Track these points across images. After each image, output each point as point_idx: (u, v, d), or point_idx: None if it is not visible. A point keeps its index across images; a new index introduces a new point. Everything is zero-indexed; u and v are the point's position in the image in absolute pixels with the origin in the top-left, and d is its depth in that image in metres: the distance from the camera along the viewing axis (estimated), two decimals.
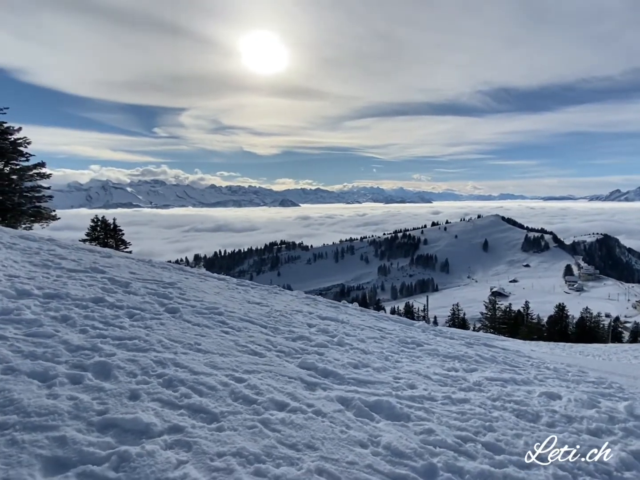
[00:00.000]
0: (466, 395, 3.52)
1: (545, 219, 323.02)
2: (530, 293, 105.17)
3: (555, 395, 3.98)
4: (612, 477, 2.59)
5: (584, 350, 21.95)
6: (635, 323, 64.49)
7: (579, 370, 7.33)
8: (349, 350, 4.17)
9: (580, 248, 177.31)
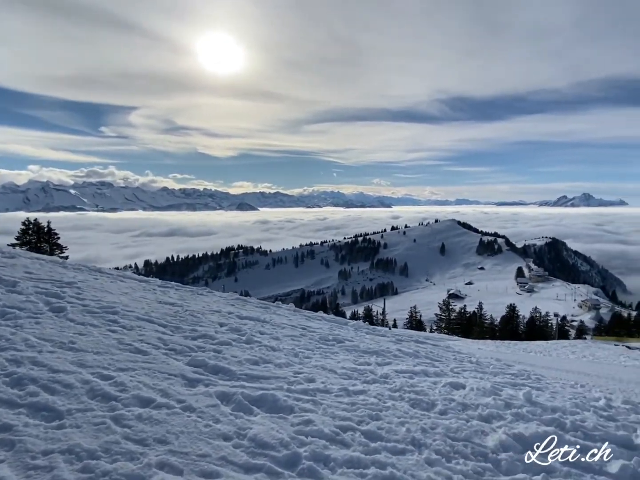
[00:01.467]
0: (366, 387, 3.58)
1: (499, 223, 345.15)
2: (484, 295, 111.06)
3: (460, 385, 4.17)
4: (487, 459, 2.73)
5: (527, 347, 23.56)
6: (580, 321, 70.48)
7: (503, 364, 7.79)
8: (255, 347, 4.11)
9: (531, 251, 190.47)
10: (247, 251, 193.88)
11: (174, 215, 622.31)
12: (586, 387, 7.13)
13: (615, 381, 11.44)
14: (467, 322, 46.85)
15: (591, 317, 78.33)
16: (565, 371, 12.74)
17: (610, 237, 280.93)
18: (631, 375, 12.82)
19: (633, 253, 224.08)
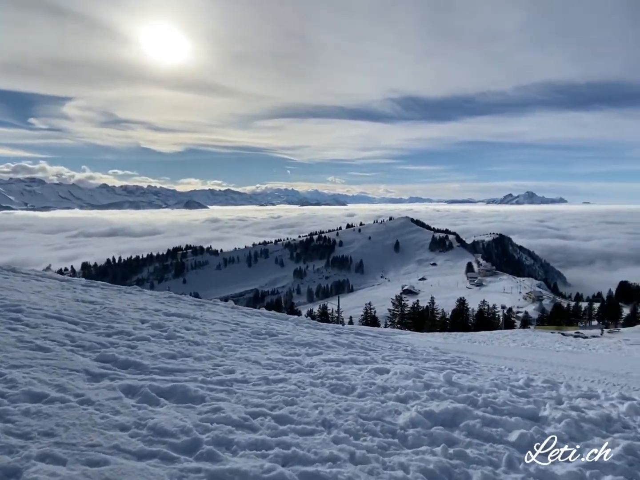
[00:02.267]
0: (288, 376, 3.69)
1: (450, 220, 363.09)
2: (437, 289, 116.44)
3: (385, 371, 4.41)
4: (395, 435, 2.94)
5: (473, 337, 25.20)
6: (525, 312, 76.22)
7: (439, 352, 8.29)
8: (176, 343, 4.08)
9: (480, 247, 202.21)
10: (196, 251, 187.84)
11: (115, 214, 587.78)
12: (513, 370, 7.80)
13: (547, 365, 12.59)
14: (420, 316, 48.96)
15: (535, 308, 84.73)
16: (503, 358, 13.82)
17: (552, 232, 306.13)
18: (561, 359, 14.18)
19: (572, 247, 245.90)
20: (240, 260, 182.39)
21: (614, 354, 17.01)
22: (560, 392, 6.08)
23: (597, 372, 11.29)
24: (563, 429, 3.65)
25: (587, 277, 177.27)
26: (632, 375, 10.84)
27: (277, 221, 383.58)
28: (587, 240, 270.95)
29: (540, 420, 3.86)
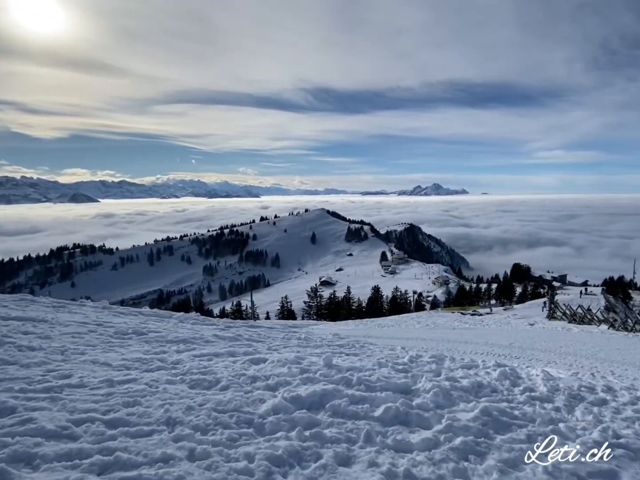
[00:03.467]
0: (141, 375, 3.40)
1: (364, 211, 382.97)
2: (353, 279, 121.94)
3: (261, 360, 4.33)
4: (251, 424, 2.85)
5: (383, 322, 26.84)
6: (434, 296, 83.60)
7: (337, 338, 8.53)
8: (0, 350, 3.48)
9: (393, 236, 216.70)
10: (86, 250, 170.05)
11: None
12: (406, 348, 8.37)
13: (445, 341, 13.89)
14: (336, 306, 50.82)
15: (442, 292, 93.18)
16: (406, 338, 14.92)
17: (456, 221, 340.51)
18: (457, 335, 15.78)
19: (474, 234, 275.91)
20: (140, 259, 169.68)
21: (503, 327, 19.46)
22: (445, 365, 6.67)
23: (486, 344, 12.80)
24: (430, 399, 3.95)
25: (487, 261, 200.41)
26: (514, 345, 12.50)
27: (182, 215, 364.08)
28: (486, 227, 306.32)
29: (411, 393, 4.13)
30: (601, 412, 4.95)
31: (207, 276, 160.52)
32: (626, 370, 9.00)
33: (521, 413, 4.14)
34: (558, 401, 5.12)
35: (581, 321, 19.39)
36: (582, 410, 4.87)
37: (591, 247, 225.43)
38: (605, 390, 6.21)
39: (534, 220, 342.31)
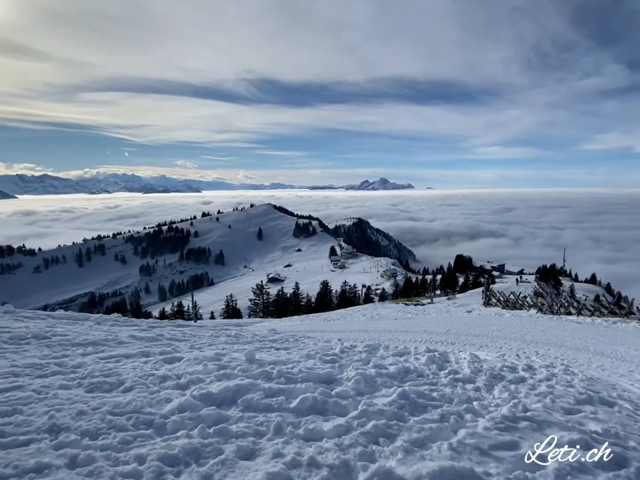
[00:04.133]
0: (29, 382, 3.15)
1: (312, 206, 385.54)
2: (302, 275, 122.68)
3: (176, 359, 4.19)
4: (151, 425, 2.73)
5: (329, 316, 27.23)
6: (382, 288, 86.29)
7: (272, 333, 8.50)
8: None
9: (341, 231, 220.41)
10: (2, 252, 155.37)
11: None
12: (342, 340, 8.52)
13: (386, 332, 14.35)
14: (284, 303, 50.78)
15: (390, 284, 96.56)
16: (349, 331, 15.26)
17: (403, 215, 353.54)
18: (398, 325, 16.37)
19: (420, 228, 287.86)
20: (67, 260, 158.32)
21: (442, 316, 20.49)
22: (377, 354, 6.87)
23: (425, 332, 13.40)
24: (351, 386, 4.03)
25: (433, 253, 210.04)
26: (451, 332, 13.19)
27: (115, 212, 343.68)
28: (431, 221, 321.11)
29: (334, 382, 4.20)
30: (517, 389, 5.36)
31: (145, 276, 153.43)
32: (549, 350, 9.80)
33: (440, 394, 4.36)
34: (479, 381, 5.47)
35: (513, 307, 20.96)
36: (500, 388, 5.24)
37: (527, 238, 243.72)
38: (526, 369, 6.75)
39: (475, 213, 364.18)
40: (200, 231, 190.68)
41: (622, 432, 4.04)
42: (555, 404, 4.75)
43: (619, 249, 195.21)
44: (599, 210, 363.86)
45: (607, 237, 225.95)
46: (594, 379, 6.68)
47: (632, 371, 7.50)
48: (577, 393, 5.38)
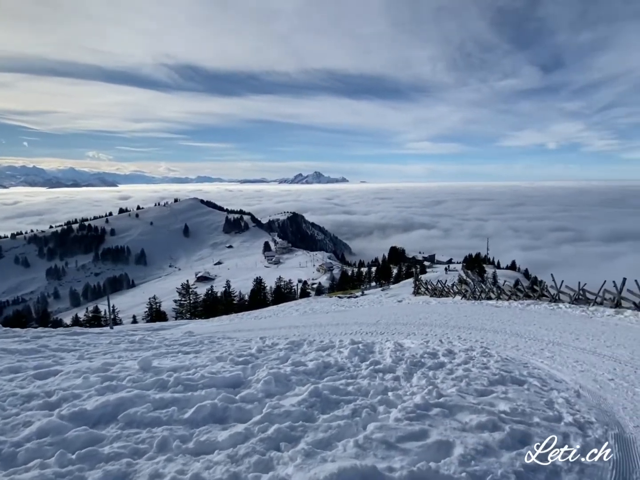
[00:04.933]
0: None
1: (244, 200, 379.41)
2: (235, 272, 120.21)
3: (52, 373, 3.69)
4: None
5: (261, 314, 26.85)
6: (319, 283, 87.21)
7: (186, 336, 8.03)
8: None
9: (275, 226, 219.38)
10: None
11: None
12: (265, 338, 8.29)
13: (317, 326, 14.37)
14: (214, 302, 49.33)
15: (327, 278, 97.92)
16: (278, 327, 15.08)
17: (338, 209, 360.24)
18: (329, 319, 16.50)
19: (355, 221, 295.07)
20: None
21: (374, 307, 21.08)
22: (300, 350, 6.74)
23: (355, 324, 13.60)
24: (260, 388, 3.82)
25: (368, 246, 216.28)
26: (380, 322, 13.52)
27: (13, 209, 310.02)
28: (366, 214, 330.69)
29: (241, 385, 3.96)
30: (436, 375, 5.52)
31: (53, 280, 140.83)
32: (470, 333, 10.37)
33: (356, 388, 4.30)
34: (399, 370, 5.55)
35: (440, 294, 22.16)
36: (419, 375, 5.35)
37: (455, 229, 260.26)
38: (446, 354, 7.02)
39: (408, 206, 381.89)
40: (118, 229, 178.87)
41: (528, 409, 4.28)
42: (470, 386, 4.94)
43: (535, 238, 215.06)
44: (517, 202, 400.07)
45: (525, 226, 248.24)
46: (508, 359, 7.14)
47: (543, 349, 8.12)
48: (491, 374, 5.67)
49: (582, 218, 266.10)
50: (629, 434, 4.09)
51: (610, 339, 8.60)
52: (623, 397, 5.25)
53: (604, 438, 3.82)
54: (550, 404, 4.65)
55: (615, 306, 12.04)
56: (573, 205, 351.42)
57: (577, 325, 10.19)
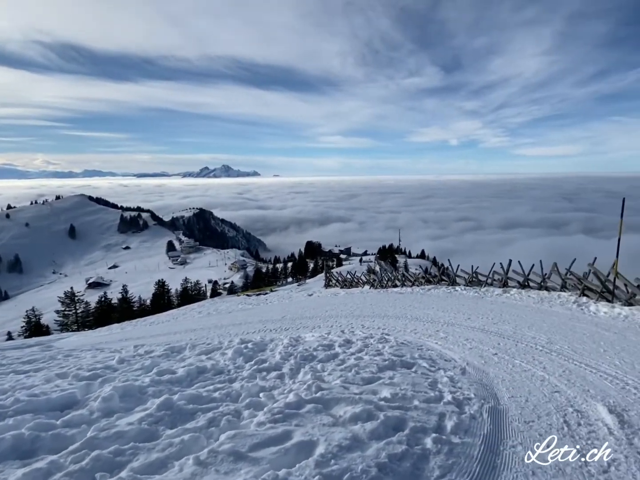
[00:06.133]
0: None
1: (142, 197, 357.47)
2: (134, 276, 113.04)
3: None
4: None
5: (158, 319, 25.25)
6: (231, 282, 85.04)
7: (40, 350, 7.03)
8: None
9: (180, 223, 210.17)
10: None
11: None
12: (143, 345, 7.56)
13: (217, 328, 13.71)
14: (107, 310, 45.70)
15: (240, 277, 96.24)
16: (173, 333, 14.09)
17: (251, 204, 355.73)
18: (231, 319, 15.90)
19: (270, 216, 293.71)
20: None
21: (282, 302, 20.89)
22: (178, 356, 6.14)
23: (259, 322, 13.23)
24: (97, 407, 3.24)
25: (284, 241, 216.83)
26: (286, 318, 13.31)
27: None
28: (281, 209, 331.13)
29: (75, 405, 3.35)
30: (325, 367, 5.34)
31: None
32: (374, 321, 10.59)
33: (225, 393, 3.92)
34: (286, 367, 5.27)
35: (350, 285, 22.72)
36: (307, 370, 5.12)
37: (370, 222, 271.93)
38: (343, 344, 6.94)
39: (323, 200, 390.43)
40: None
41: (410, 392, 4.25)
42: (357, 375, 4.84)
43: (442, 228, 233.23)
44: (425, 195, 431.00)
45: (433, 217, 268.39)
46: (404, 343, 7.29)
47: (438, 330, 8.51)
48: (381, 360, 5.67)
49: (481, 208, 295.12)
50: (503, 406, 4.29)
51: (497, 316, 9.32)
52: (503, 370, 5.62)
53: (479, 413, 3.92)
54: (434, 384, 4.73)
55: (502, 286, 13.25)
56: (473, 197, 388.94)
57: (470, 306, 10.94)
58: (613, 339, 6.88)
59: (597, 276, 9.92)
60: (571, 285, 11.21)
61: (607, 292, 9.74)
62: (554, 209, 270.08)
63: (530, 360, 5.96)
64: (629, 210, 9.72)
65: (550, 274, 11.76)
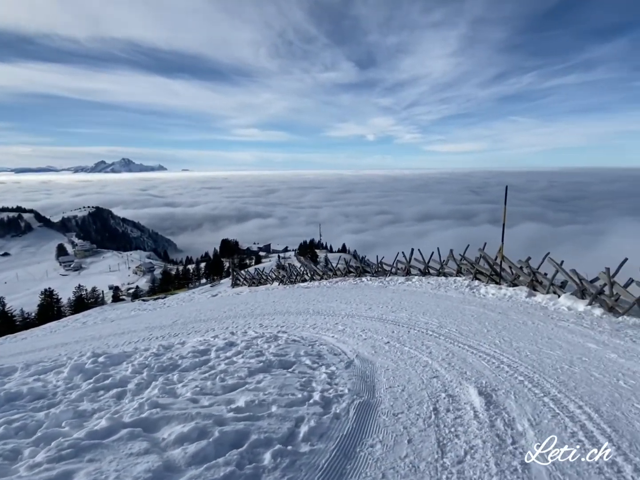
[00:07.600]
0: None
1: (23, 195, 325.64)
2: (15, 286, 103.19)
3: None
4: None
5: (32, 332, 22.90)
6: (136, 287, 79.74)
7: None
8: None
9: (72, 224, 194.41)
10: None
11: None
12: None
13: (94, 340, 12.41)
14: None
15: (147, 280, 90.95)
16: (39, 349, 12.62)
17: (158, 200, 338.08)
18: (114, 328, 14.58)
19: (180, 214, 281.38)
20: None
21: (181, 305, 19.94)
22: (2, 380, 5.13)
23: (146, 329, 12.21)
24: None
25: (197, 240, 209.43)
26: (178, 322, 12.40)
27: None
28: (193, 205, 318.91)
29: None
30: (182, 378, 4.74)
31: None
32: (274, 319, 10.21)
33: (18, 426, 3.17)
34: (134, 382, 4.60)
35: (259, 283, 22.21)
36: (158, 383, 4.48)
37: (291, 217, 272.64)
38: (222, 348, 6.35)
39: (240, 196, 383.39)
40: None
41: (273, 397, 3.78)
42: (220, 383, 4.37)
43: (362, 221, 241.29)
44: (345, 190, 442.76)
45: (353, 212, 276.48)
46: (296, 340, 6.91)
47: (337, 323, 8.33)
48: (257, 363, 5.22)
49: (398, 202, 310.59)
50: (377, 398, 4.10)
51: (397, 304, 9.38)
52: (390, 359, 5.55)
53: (345, 411, 3.62)
54: (307, 384, 4.40)
55: (406, 274, 13.60)
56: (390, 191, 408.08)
57: (373, 296, 10.96)
58: (497, 319, 7.27)
59: (487, 260, 10.55)
60: (466, 270, 11.81)
61: (495, 274, 10.37)
62: (463, 202, 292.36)
63: (419, 346, 6.02)
64: (524, 201, 10.48)
65: (448, 260, 12.29)
